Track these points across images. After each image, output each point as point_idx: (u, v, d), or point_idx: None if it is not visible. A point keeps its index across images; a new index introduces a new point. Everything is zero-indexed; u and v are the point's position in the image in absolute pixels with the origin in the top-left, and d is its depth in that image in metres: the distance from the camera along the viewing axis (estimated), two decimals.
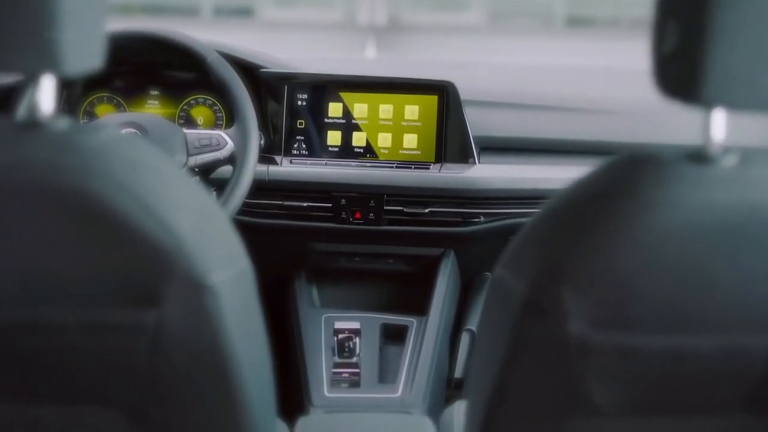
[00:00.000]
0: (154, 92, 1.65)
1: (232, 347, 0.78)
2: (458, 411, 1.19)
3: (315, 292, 1.63)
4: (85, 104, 1.63)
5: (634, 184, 0.73)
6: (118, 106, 1.64)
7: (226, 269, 0.79)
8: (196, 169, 1.43)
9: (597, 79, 1.94)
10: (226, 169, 1.43)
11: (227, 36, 1.67)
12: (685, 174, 0.73)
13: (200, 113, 1.64)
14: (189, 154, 1.42)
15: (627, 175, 0.76)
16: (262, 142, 1.53)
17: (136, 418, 0.79)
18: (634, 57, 1.90)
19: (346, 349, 1.45)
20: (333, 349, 1.45)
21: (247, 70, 1.56)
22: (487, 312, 0.88)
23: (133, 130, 1.41)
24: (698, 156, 0.74)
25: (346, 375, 1.42)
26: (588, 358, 0.76)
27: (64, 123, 0.76)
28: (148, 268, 0.73)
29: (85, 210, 0.73)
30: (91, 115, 1.62)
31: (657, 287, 0.74)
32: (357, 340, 1.45)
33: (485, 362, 0.84)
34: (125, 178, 0.74)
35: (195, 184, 0.84)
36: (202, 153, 1.43)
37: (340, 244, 1.61)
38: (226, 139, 1.43)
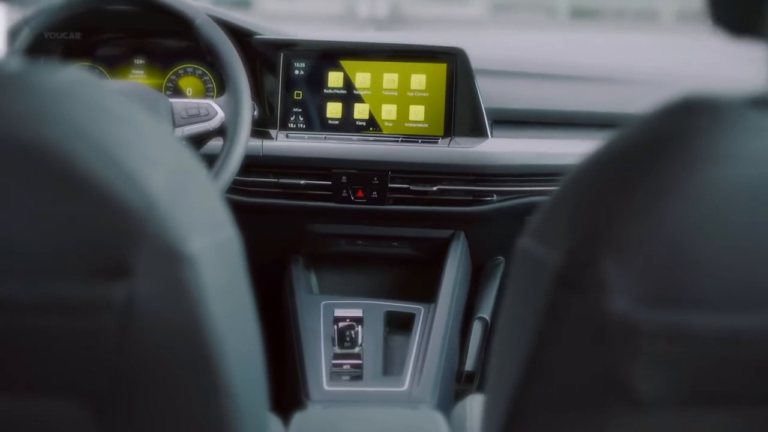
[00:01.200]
0: (139, 61, 1.53)
1: (214, 327, 0.67)
2: (472, 405, 1.06)
3: (313, 278, 1.52)
4: None
5: (689, 134, 0.62)
6: (100, 77, 1.52)
7: (207, 236, 0.68)
8: (184, 142, 1.31)
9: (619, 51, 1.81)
10: (216, 145, 1.31)
11: None
12: (748, 122, 0.62)
13: (189, 84, 1.52)
14: (175, 125, 1.31)
15: (679, 123, 0.65)
16: (255, 113, 1.42)
17: (103, 410, 0.67)
18: (642, 49, 1.83)
19: (347, 339, 1.33)
20: (333, 339, 1.34)
21: (240, 37, 1.44)
22: (514, 288, 0.76)
23: None
24: (763, 102, 0.62)
25: (347, 367, 1.31)
26: (633, 341, 0.65)
27: (15, 63, 0.64)
28: (114, 233, 0.62)
29: (38, 163, 0.62)
30: None
31: (717, 256, 0.62)
32: (359, 329, 1.34)
33: (510, 346, 0.73)
34: (87, 126, 0.62)
35: (171, 136, 0.72)
36: (189, 124, 1.31)
37: (341, 225, 1.50)
38: (216, 109, 1.31)
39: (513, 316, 0.75)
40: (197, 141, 1.33)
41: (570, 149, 1.44)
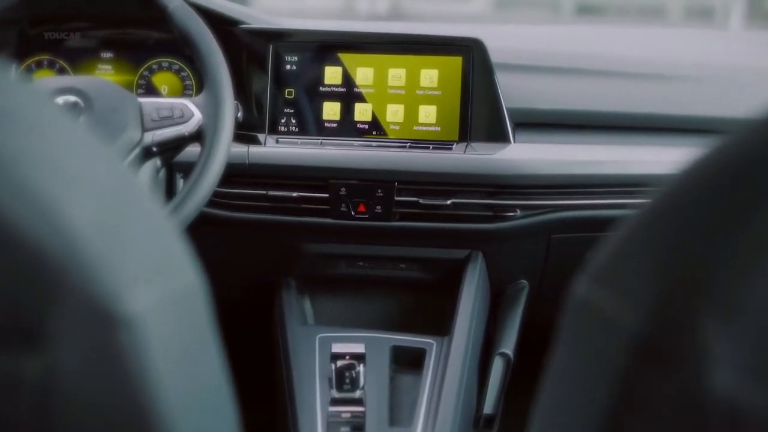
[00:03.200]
0: (107, 55, 1.33)
1: (164, 408, 0.49)
2: None
3: (307, 305, 1.33)
4: (19, 71, 1.31)
5: None
6: (62, 72, 1.32)
7: (155, 286, 0.50)
8: (155, 148, 1.11)
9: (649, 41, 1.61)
10: (196, 152, 1.11)
11: None
12: None
13: (164, 81, 1.33)
14: (144, 129, 1.11)
15: None
16: (239, 114, 1.22)
17: None
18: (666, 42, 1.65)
19: (347, 381, 1.13)
20: (330, 381, 1.14)
21: (223, 26, 1.24)
22: (571, 342, 0.58)
23: (71, 97, 1.09)
24: None
25: (347, 415, 1.11)
26: (739, 428, 0.47)
27: None
28: (21, 287, 0.45)
29: None
30: None
31: None
32: (361, 368, 1.14)
33: (572, 409, 0.55)
34: None
35: (104, 150, 0.52)
36: (161, 127, 1.11)
37: (339, 244, 1.30)
38: (193, 110, 1.11)
39: (573, 372, 0.57)
40: (171, 147, 1.13)
41: (606, 156, 1.25)
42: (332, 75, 1.28)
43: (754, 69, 1.39)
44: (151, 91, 1.32)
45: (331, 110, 1.28)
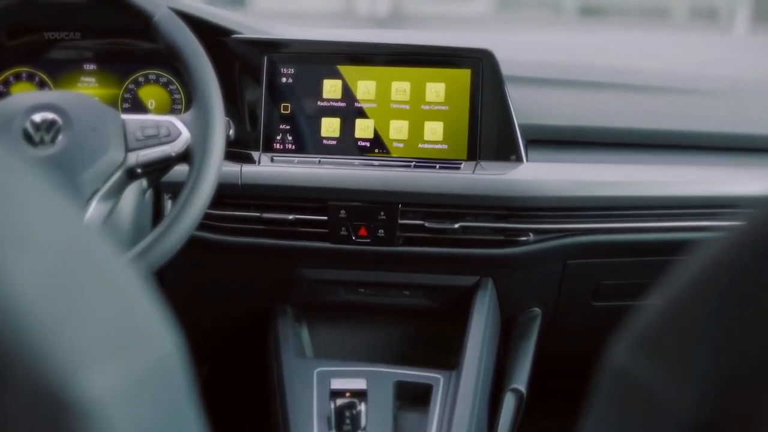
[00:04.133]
0: (90, 67, 1.24)
1: None
2: None
3: (305, 335, 1.24)
4: None
5: None
6: (42, 86, 1.24)
7: (119, 364, 0.43)
8: (139, 170, 1.02)
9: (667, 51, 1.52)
10: (184, 169, 1.03)
11: None
12: None
13: (151, 95, 1.24)
14: (128, 149, 1.02)
15: None
16: (231, 131, 1.13)
17: None
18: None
19: (348, 421, 1.06)
20: (329, 420, 1.06)
21: (214, 36, 1.15)
22: (607, 423, 0.50)
23: (49, 114, 1.01)
24: None
25: None
26: None
27: None
28: None
29: None
30: (5, 97, 1.21)
31: None
32: (362, 407, 1.06)
33: None
34: None
35: (59, 200, 0.44)
36: (146, 147, 1.02)
37: (339, 270, 1.21)
38: (180, 128, 1.02)
39: None
40: (157, 169, 1.04)
41: (626, 176, 1.16)
42: (331, 88, 1.19)
43: None
44: (137, 105, 1.24)
45: (330, 126, 1.19)
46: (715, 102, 1.24)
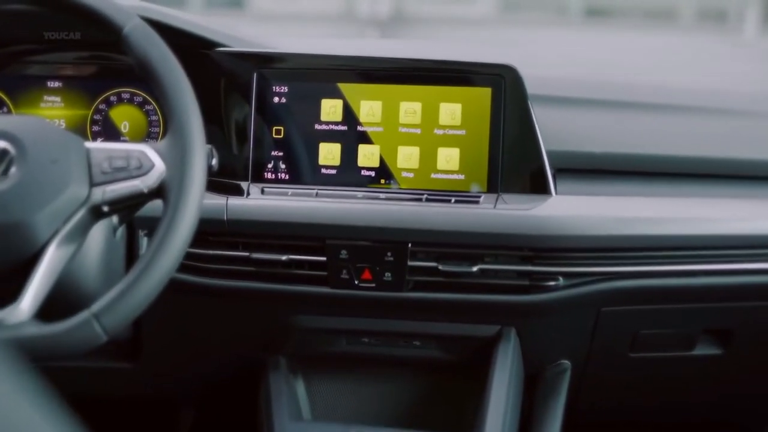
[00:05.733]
0: (55, 84, 1.09)
1: None
2: None
3: (301, 392, 1.11)
4: None
5: None
6: (0, 105, 1.08)
7: None
8: (106, 208, 0.87)
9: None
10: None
11: None
12: None
13: (125, 116, 1.10)
14: (93, 183, 0.87)
15: None
16: (214, 161, 0.98)
17: None
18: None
19: None
20: None
21: (196, 49, 1.01)
22: None
23: (0, 143, 0.86)
24: None
25: None
26: None
27: None
28: None
29: None
30: None
31: None
32: None
33: None
34: None
35: None
36: (113, 181, 0.87)
37: (340, 317, 1.08)
38: (152, 159, 0.87)
39: None
40: (126, 206, 0.89)
41: (669, 211, 1.02)
42: (331, 109, 1.05)
43: None
44: (108, 128, 1.09)
45: (330, 153, 1.04)
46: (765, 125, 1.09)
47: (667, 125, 1.06)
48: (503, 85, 1.01)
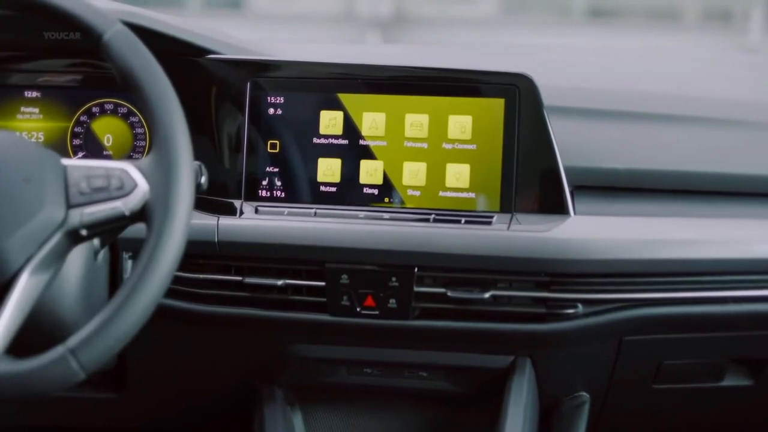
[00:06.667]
0: (33, 94, 1.02)
1: None
2: None
3: (298, 425, 1.06)
4: None
5: None
6: None
7: None
8: (84, 232, 0.80)
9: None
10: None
11: None
12: None
13: (108, 128, 1.04)
14: (70, 205, 0.80)
15: None
16: (203, 179, 0.90)
17: None
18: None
19: None
20: None
21: (185, 56, 0.94)
22: None
23: None
24: None
25: None
26: None
27: None
28: None
29: None
30: None
31: None
32: None
33: None
34: None
35: None
36: (92, 203, 0.80)
37: (340, 346, 1.01)
38: (135, 178, 0.80)
39: None
40: (107, 230, 0.82)
41: (698, 233, 0.94)
42: (330, 122, 0.98)
43: None
44: (90, 142, 1.03)
45: (329, 169, 0.98)
46: None
47: (694, 139, 0.99)
48: (517, 95, 0.94)
